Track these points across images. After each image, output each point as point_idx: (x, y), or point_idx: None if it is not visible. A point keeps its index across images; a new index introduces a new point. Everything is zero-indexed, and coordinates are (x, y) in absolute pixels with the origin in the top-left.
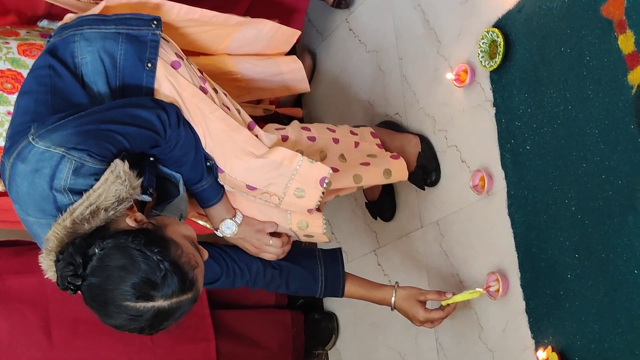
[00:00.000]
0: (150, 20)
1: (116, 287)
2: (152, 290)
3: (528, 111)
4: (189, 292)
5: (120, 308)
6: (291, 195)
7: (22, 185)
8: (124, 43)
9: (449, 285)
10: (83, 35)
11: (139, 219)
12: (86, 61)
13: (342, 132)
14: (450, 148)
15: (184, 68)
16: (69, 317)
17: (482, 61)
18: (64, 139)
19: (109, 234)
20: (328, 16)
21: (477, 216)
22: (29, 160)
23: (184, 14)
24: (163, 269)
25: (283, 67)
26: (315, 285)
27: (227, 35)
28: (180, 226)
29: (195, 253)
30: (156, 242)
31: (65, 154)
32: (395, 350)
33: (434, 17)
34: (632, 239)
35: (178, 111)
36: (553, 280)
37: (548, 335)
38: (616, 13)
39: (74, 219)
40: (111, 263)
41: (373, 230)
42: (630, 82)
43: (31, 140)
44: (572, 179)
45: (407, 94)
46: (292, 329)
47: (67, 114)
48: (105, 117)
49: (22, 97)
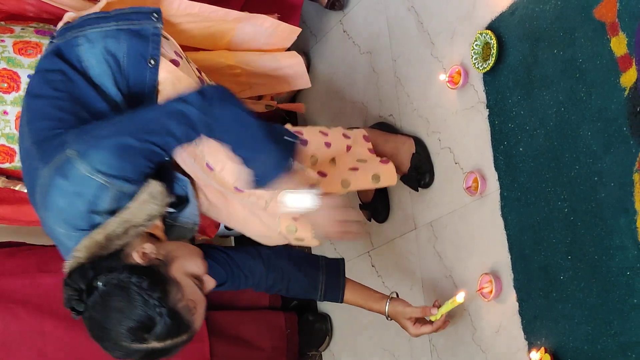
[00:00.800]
0: (150, 12)
1: (113, 328)
2: (146, 334)
3: (521, 113)
4: (183, 334)
5: (116, 345)
6: (277, 201)
7: (59, 200)
8: (125, 41)
9: (442, 287)
10: (86, 37)
11: (148, 251)
12: (92, 64)
13: (335, 135)
14: (443, 150)
15: (183, 66)
16: (62, 318)
17: (476, 63)
18: (104, 162)
19: (116, 266)
20: (322, 17)
21: (471, 218)
22: (70, 179)
23: (183, 8)
24: (160, 314)
25: (283, 62)
26: (315, 294)
27: (228, 32)
28: (188, 261)
29: (197, 294)
30: (158, 285)
31: (107, 183)
32: (389, 352)
33: (428, 19)
34: (624, 240)
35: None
36: (546, 282)
37: (541, 336)
38: (609, 15)
39: (107, 234)
40: (111, 303)
41: (367, 232)
42: (622, 84)
43: (71, 157)
44: (564, 180)
45: (401, 95)
46: (286, 330)
47: (98, 126)
48: (141, 128)
49: (35, 100)
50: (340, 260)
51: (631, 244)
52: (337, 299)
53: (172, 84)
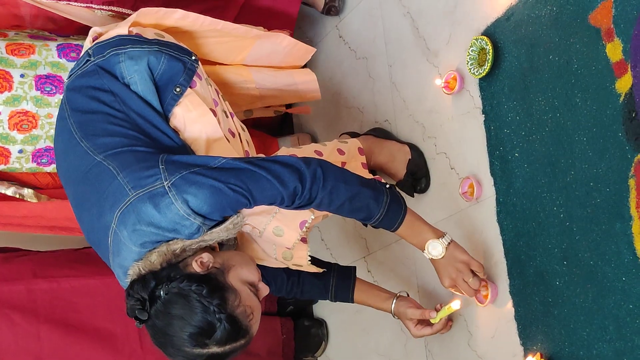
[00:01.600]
0: (191, 52)
1: (175, 334)
2: (207, 339)
3: (517, 118)
4: (242, 339)
5: (178, 351)
6: (270, 232)
7: (147, 227)
8: (164, 62)
9: (438, 292)
10: (127, 54)
11: (205, 260)
12: (135, 80)
13: (329, 152)
14: (439, 155)
15: (200, 87)
16: (58, 324)
17: (471, 69)
18: (202, 204)
19: (176, 275)
20: (318, 23)
21: (466, 223)
22: (166, 216)
23: (207, 24)
24: (219, 320)
25: (297, 79)
26: (326, 295)
27: (245, 48)
28: (244, 269)
29: (253, 301)
30: (217, 292)
31: (202, 225)
32: (385, 357)
33: (424, 24)
34: (620, 246)
35: (318, 171)
36: (542, 287)
37: (537, 342)
38: (604, 21)
39: (184, 246)
40: (173, 311)
41: (363, 237)
42: (618, 90)
43: (168, 190)
44: (560, 186)
45: (397, 100)
46: (282, 335)
47: (202, 161)
48: (241, 183)
49: (86, 116)
50: (352, 267)
51: (627, 249)
52: (347, 299)
53: (185, 106)
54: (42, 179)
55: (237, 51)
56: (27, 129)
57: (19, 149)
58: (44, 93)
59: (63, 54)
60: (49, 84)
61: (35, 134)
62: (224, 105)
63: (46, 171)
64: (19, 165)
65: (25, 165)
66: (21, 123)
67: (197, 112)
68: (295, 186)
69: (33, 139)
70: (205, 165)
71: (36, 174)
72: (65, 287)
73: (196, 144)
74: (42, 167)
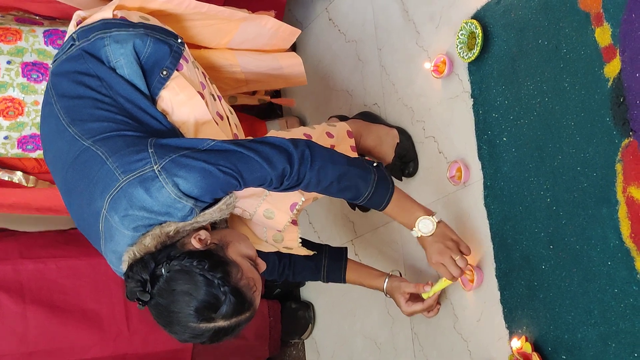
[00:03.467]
0: (176, 35)
1: (181, 310)
2: (213, 313)
3: (505, 103)
4: (247, 311)
5: (184, 327)
6: (260, 214)
7: (139, 212)
8: (150, 45)
9: (425, 275)
10: (113, 37)
11: (203, 237)
12: (121, 64)
13: (318, 135)
14: (427, 139)
15: (187, 70)
16: (44, 304)
17: (461, 52)
18: (193, 187)
19: (175, 253)
20: (308, 5)
21: (454, 207)
22: (157, 199)
23: (192, 7)
24: (224, 292)
25: (283, 62)
26: (318, 275)
27: (230, 31)
28: (241, 244)
29: (254, 273)
30: (219, 266)
31: (194, 207)
32: (371, 340)
33: (413, 8)
34: (606, 230)
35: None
36: (528, 271)
37: (522, 325)
38: (593, 6)
39: (178, 228)
40: (177, 287)
41: (351, 221)
42: (606, 75)
43: (158, 174)
44: (547, 170)
45: (386, 84)
46: (269, 318)
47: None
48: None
49: (74, 101)
50: (343, 249)
51: (612, 234)
52: (339, 280)
53: (172, 89)
54: (28, 163)
55: (222, 34)
56: (13, 115)
57: (5, 135)
58: (31, 80)
59: (50, 41)
60: (36, 71)
61: (21, 121)
62: (211, 88)
63: (32, 157)
64: (4, 151)
65: (10, 151)
66: (7, 110)
67: (185, 94)
68: (284, 167)
69: (19, 125)
70: (194, 147)
71: (22, 159)
72: (52, 267)
73: (185, 127)
74: (27, 153)
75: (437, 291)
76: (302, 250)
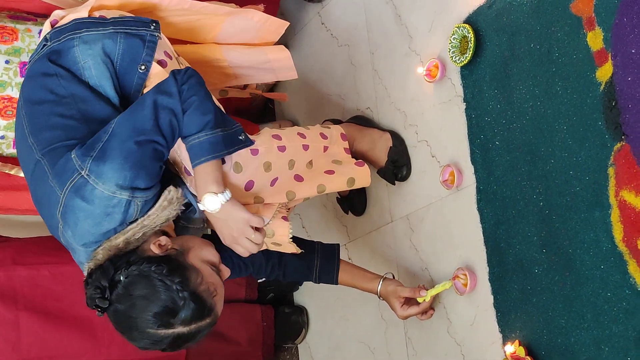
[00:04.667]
0: (149, 22)
1: (139, 316)
2: (171, 319)
3: (497, 107)
4: (207, 317)
5: (143, 334)
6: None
7: (85, 222)
8: (122, 42)
9: (418, 280)
10: (82, 38)
11: (164, 243)
12: (89, 65)
13: (313, 136)
14: (420, 143)
15: (171, 67)
16: (38, 311)
17: (453, 57)
18: (121, 177)
19: (135, 259)
20: (300, 10)
21: (447, 211)
22: (94, 203)
23: (174, 4)
24: (183, 298)
25: (270, 56)
26: (310, 275)
27: (216, 25)
28: (203, 249)
29: (215, 279)
30: (177, 271)
31: (132, 198)
32: (364, 344)
33: (406, 12)
34: (598, 234)
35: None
36: (521, 275)
37: (515, 329)
38: (585, 10)
39: (126, 237)
40: (135, 292)
41: (344, 225)
42: (598, 79)
43: (87, 178)
44: (540, 174)
45: (379, 88)
46: (262, 323)
47: (101, 138)
48: (138, 130)
49: (35, 108)
50: (335, 245)
51: (605, 237)
52: (331, 281)
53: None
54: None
55: (207, 29)
56: (12, 115)
57: (1, 134)
58: None
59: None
60: None
61: None
62: None
63: None
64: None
65: (6, 150)
66: (5, 109)
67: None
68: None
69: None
70: (102, 139)
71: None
72: (45, 274)
73: None
74: None
75: (435, 294)
76: (291, 246)
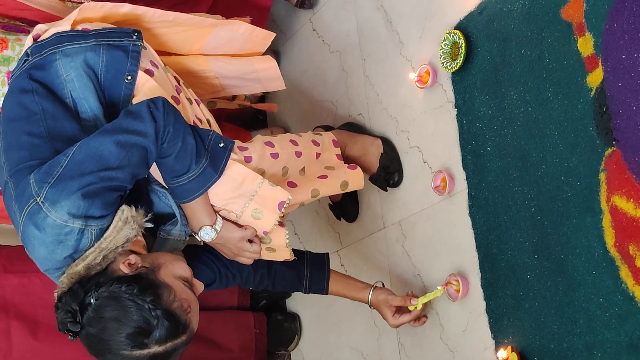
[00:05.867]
0: (131, 32)
1: (112, 338)
2: (145, 339)
3: (489, 113)
4: (182, 335)
5: (117, 356)
6: (248, 215)
7: (39, 249)
8: (104, 54)
9: (411, 286)
10: (64, 52)
11: (133, 262)
12: (71, 78)
13: (305, 143)
14: (412, 149)
15: (158, 76)
16: (28, 320)
17: (444, 62)
18: (75, 206)
19: (104, 280)
20: (292, 16)
21: (439, 217)
22: (46, 231)
23: (158, 16)
24: (156, 317)
25: (257, 66)
26: (300, 286)
27: (201, 36)
28: (175, 265)
29: (189, 294)
30: (149, 289)
31: (83, 226)
32: (357, 351)
33: (397, 18)
34: (590, 240)
35: (161, 103)
36: (513, 281)
37: (508, 335)
38: (575, 16)
39: (87, 264)
40: (106, 314)
41: (336, 231)
42: (589, 85)
43: (41, 205)
44: (531, 180)
45: (370, 94)
46: (255, 330)
47: (60, 163)
48: (102, 165)
49: (9, 125)
50: (324, 255)
51: (597, 243)
52: (322, 291)
53: (144, 95)
54: None
55: (192, 40)
56: None
57: None
58: None
59: None
60: None
61: None
62: (187, 93)
63: None
64: None
65: None
66: None
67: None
68: (155, 124)
69: None
70: (62, 164)
71: None
72: (36, 282)
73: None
74: None
75: (424, 302)
76: (287, 251)
